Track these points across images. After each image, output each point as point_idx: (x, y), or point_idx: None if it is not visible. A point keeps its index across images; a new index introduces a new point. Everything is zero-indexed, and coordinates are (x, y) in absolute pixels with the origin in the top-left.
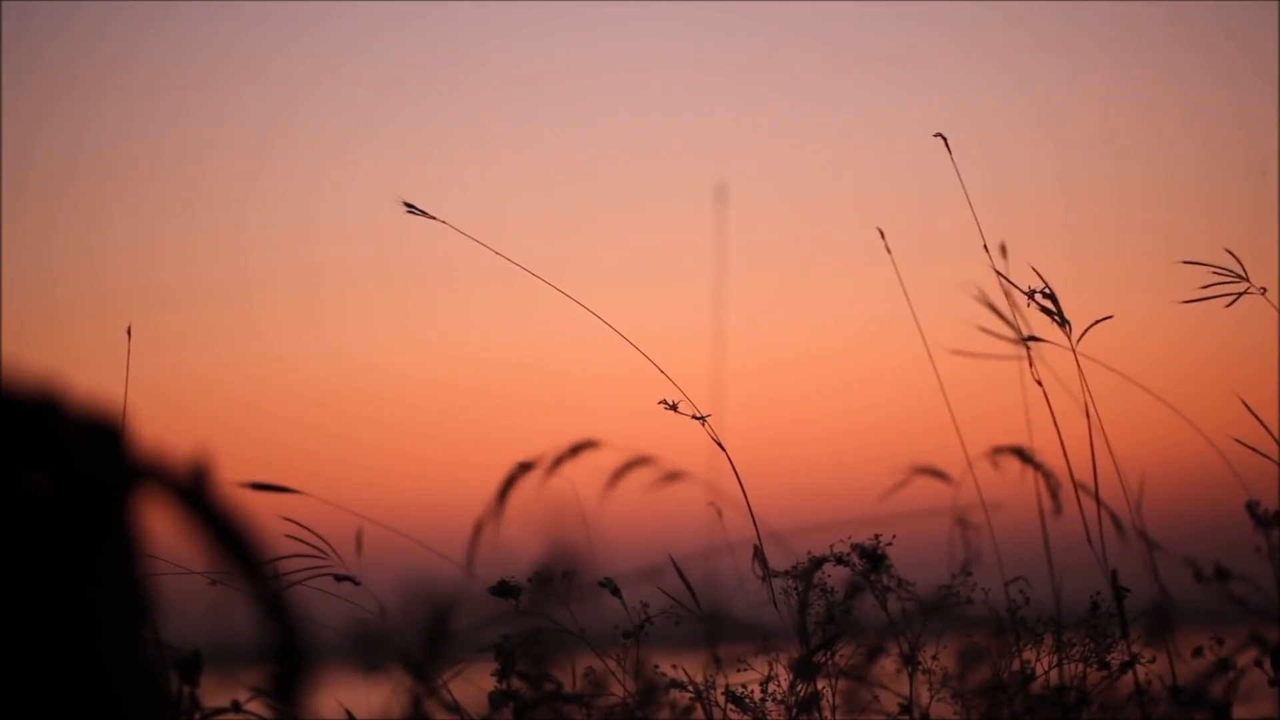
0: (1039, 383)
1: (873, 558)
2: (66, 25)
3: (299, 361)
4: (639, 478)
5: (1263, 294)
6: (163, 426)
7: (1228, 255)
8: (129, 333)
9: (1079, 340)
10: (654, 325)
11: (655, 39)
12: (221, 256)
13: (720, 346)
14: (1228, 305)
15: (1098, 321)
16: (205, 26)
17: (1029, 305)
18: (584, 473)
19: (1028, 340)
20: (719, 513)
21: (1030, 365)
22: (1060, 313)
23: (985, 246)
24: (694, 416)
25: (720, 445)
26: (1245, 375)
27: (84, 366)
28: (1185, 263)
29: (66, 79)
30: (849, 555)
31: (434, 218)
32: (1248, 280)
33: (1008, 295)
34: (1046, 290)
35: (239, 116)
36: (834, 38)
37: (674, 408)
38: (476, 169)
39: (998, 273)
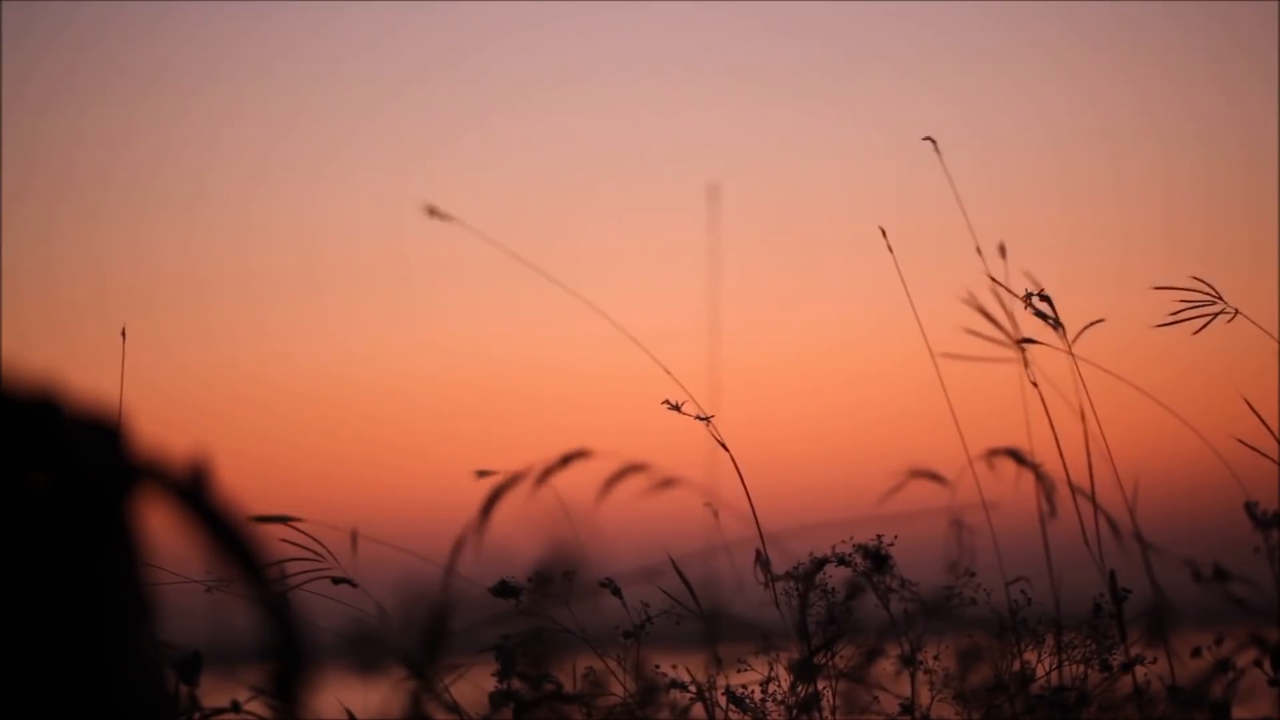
0: (1035, 385)
1: (876, 558)
2: (66, 25)
3: (300, 360)
4: (633, 485)
5: (1233, 317)
6: (164, 426)
7: (1197, 281)
8: (123, 334)
9: (1073, 342)
10: (649, 324)
11: (650, 41)
12: (223, 256)
13: (715, 346)
14: (1195, 332)
15: (1091, 324)
16: (207, 25)
17: (1026, 309)
18: (578, 479)
19: (1023, 343)
20: (715, 514)
21: (1025, 367)
22: (1056, 316)
23: (978, 249)
24: (698, 417)
25: (725, 447)
26: (1242, 375)
27: (84, 366)
28: (1157, 288)
29: (66, 79)
30: (851, 556)
31: (454, 219)
32: (1222, 301)
33: (1000, 298)
34: (1042, 293)
35: (241, 115)
36: (829, 38)
37: (677, 408)
38: (474, 170)
39: (991, 278)
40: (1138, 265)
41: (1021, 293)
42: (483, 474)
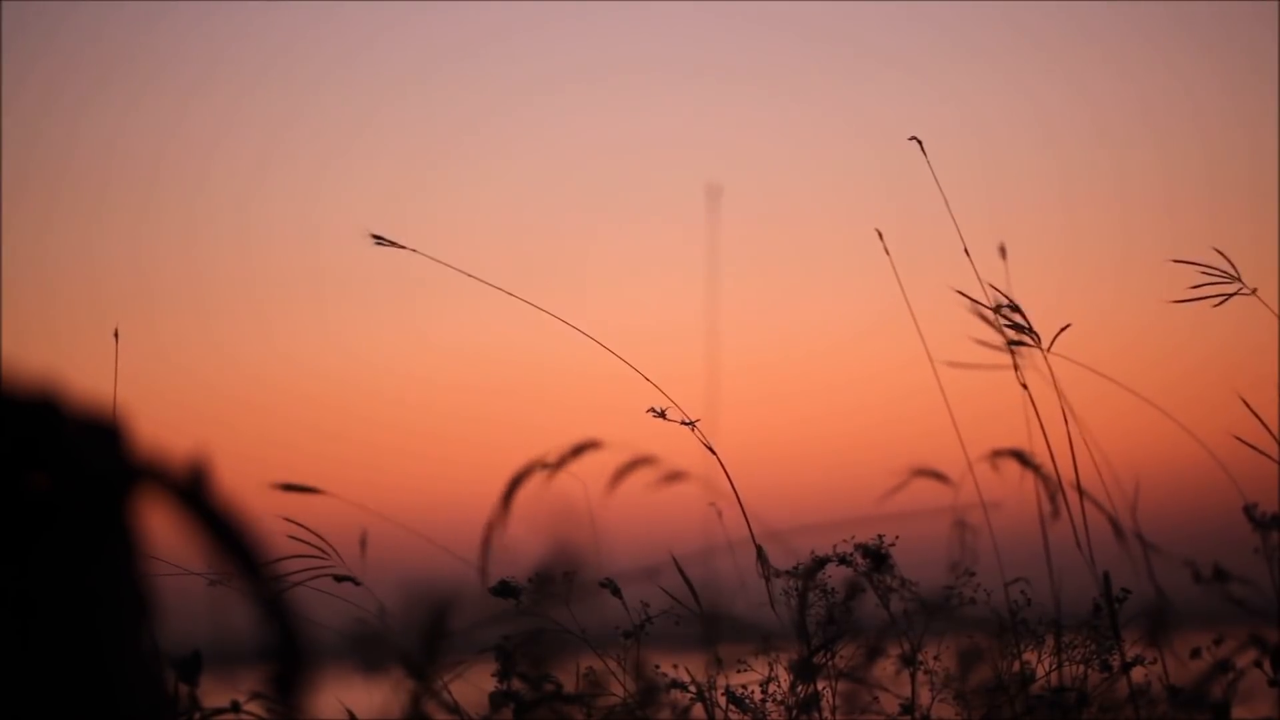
0: (1024, 386)
1: (877, 557)
2: (66, 25)
3: (301, 361)
4: (641, 478)
5: (1253, 294)
6: (164, 427)
7: (1218, 255)
8: (116, 335)
9: (1049, 347)
10: (649, 325)
11: (648, 43)
12: (223, 256)
13: (714, 346)
14: (1216, 305)
15: (1061, 331)
16: (207, 25)
17: (997, 321)
18: (586, 472)
19: (1012, 345)
20: (719, 513)
21: (1016, 369)
22: (1029, 326)
23: (966, 251)
24: (682, 422)
25: (710, 449)
26: (1244, 376)
27: (84, 367)
28: (1175, 261)
29: (66, 79)
30: (852, 555)
31: (403, 247)
32: (1239, 280)
33: (992, 301)
34: (1011, 304)
35: (241, 116)
36: (827, 39)
37: (662, 415)
38: (477, 171)
39: (983, 282)
40: (1138, 265)
41: (1009, 298)
42: (529, 468)
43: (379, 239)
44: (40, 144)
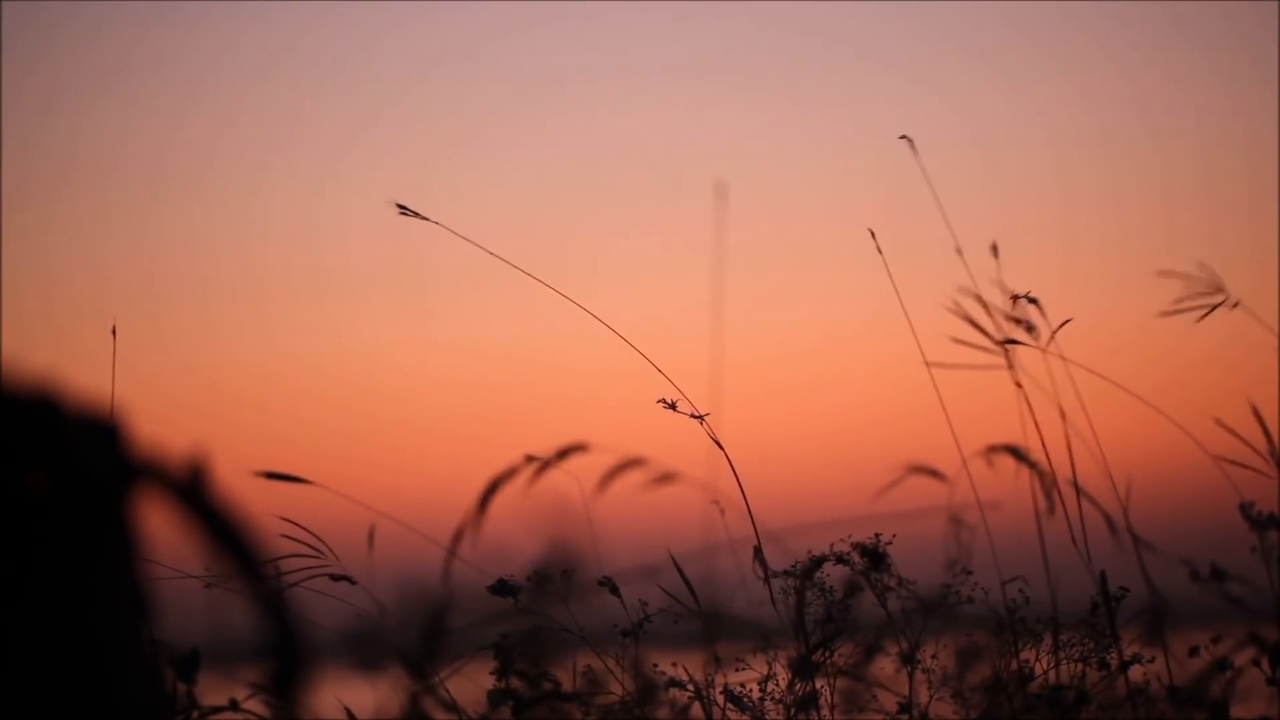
0: (1019, 385)
1: (874, 556)
2: (66, 25)
3: (303, 359)
4: (632, 479)
5: (1234, 307)
6: (165, 425)
7: (1203, 267)
8: (114, 332)
9: (1048, 343)
10: (653, 322)
11: (655, 43)
12: (224, 255)
13: (718, 343)
14: (1199, 319)
15: (1063, 324)
16: (208, 24)
17: (1012, 310)
18: (577, 475)
19: (1006, 343)
20: (721, 511)
21: (1010, 368)
22: (1029, 321)
23: (958, 250)
24: (692, 415)
25: (719, 444)
26: (1241, 377)
27: (84, 366)
28: (1161, 273)
29: (66, 79)
30: (849, 554)
31: (427, 219)
32: (1225, 292)
33: (986, 301)
34: (1029, 295)
35: (244, 114)
36: (829, 40)
37: (673, 406)
38: (481, 169)
39: (967, 287)
40: (1135, 265)
41: (1007, 296)
42: (508, 472)
43: (403, 209)
44: (40, 141)
